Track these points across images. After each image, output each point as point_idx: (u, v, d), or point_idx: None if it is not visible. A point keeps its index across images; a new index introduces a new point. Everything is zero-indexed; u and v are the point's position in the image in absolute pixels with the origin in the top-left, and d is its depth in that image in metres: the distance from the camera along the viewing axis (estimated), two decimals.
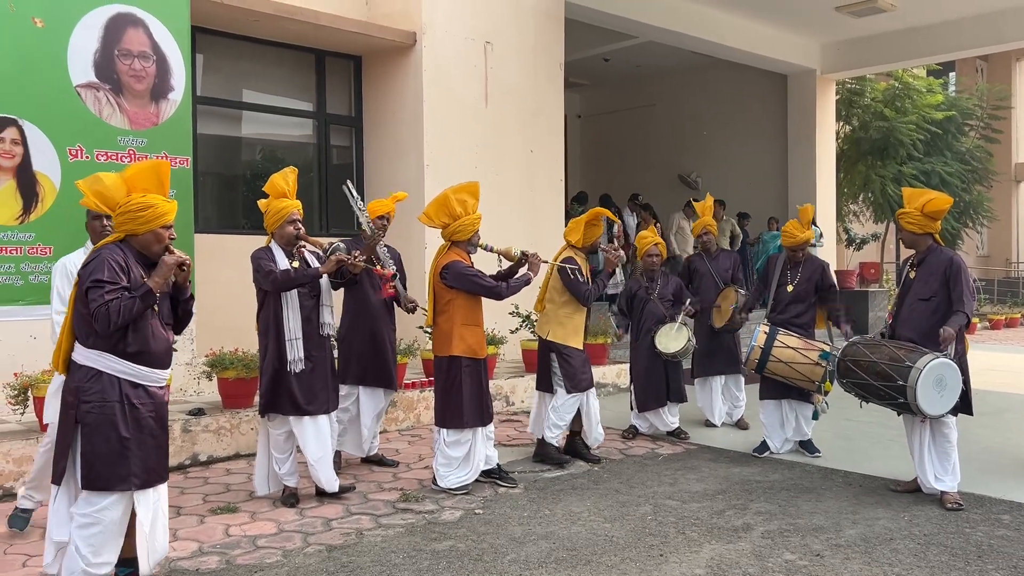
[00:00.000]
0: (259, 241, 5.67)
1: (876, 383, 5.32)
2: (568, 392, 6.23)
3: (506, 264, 6.08)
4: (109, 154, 6.57)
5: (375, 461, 6.39)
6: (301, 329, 5.25)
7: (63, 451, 3.74)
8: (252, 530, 4.92)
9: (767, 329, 6.32)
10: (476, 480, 5.74)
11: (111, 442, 3.69)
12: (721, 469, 6.28)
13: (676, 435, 7.26)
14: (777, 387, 6.46)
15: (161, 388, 3.89)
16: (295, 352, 5.24)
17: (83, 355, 3.73)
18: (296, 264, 5.27)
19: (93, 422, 3.69)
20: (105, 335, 3.68)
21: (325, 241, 5.33)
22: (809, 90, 15.10)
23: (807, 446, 6.61)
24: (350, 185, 5.92)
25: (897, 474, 6.00)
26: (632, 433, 7.34)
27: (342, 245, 5.26)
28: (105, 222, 4.82)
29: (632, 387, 7.37)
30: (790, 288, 6.55)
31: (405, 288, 6.35)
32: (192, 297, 4.10)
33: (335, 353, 5.69)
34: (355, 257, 5.35)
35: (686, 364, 7.45)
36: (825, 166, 15.43)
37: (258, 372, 5.47)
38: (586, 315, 6.45)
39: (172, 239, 3.89)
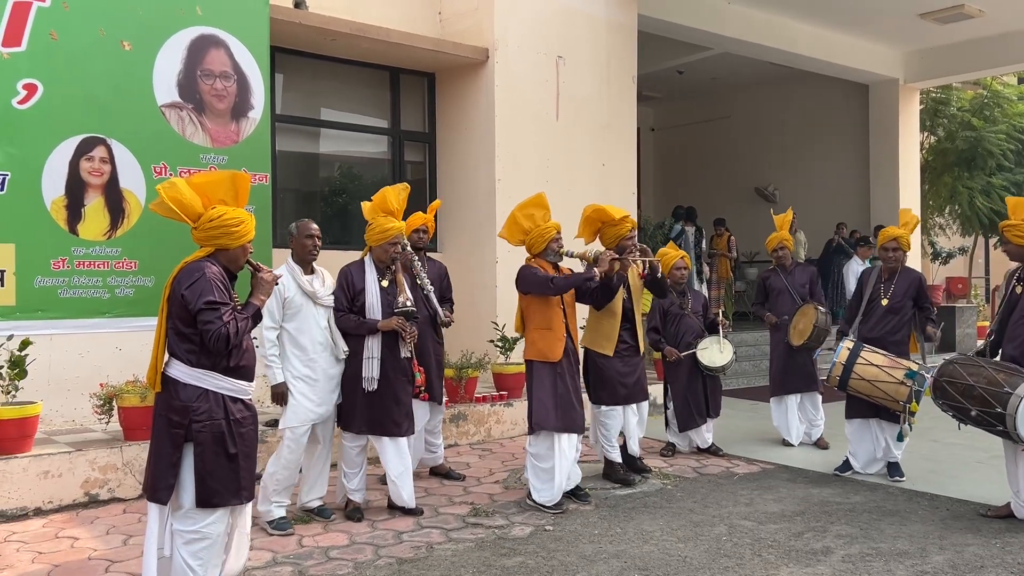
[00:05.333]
0: (336, 256, 5.77)
1: (973, 408, 5.08)
2: (596, 403, 6.17)
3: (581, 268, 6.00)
4: (192, 171, 6.75)
5: (442, 474, 6.41)
6: (380, 349, 5.31)
7: (169, 470, 3.69)
8: (324, 541, 4.97)
9: (851, 345, 6.06)
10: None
11: (222, 459, 3.72)
12: (799, 490, 6.09)
13: (714, 452, 7.17)
14: (866, 406, 6.19)
15: (250, 399, 3.95)
16: (370, 370, 5.28)
17: (187, 373, 3.71)
18: (385, 283, 5.35)
19: (205, 440, 3.69)
20: (220, 355, 3.71)
21: (408, 291, 5.41)
22: (892, 100, 14.67)
23: (893, 469, 6.32)
24: None
25: (988, 498, 5.73)
26: (671, 451, 7.21)
27: (412, 309, 5.34)
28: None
29: (671, 405, 7.21)
30: (884, 302, 6.25)
31: (451, 301, 6.37)
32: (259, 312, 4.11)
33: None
34: (406, 303, 5.34)
35: (762, 381, 7.30)
36: (909, 178, 14.95)
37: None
38: (619, 321, 6.14)
39: (251, 252, 3.93)
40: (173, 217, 3.76)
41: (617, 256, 5.69)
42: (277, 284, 3.98)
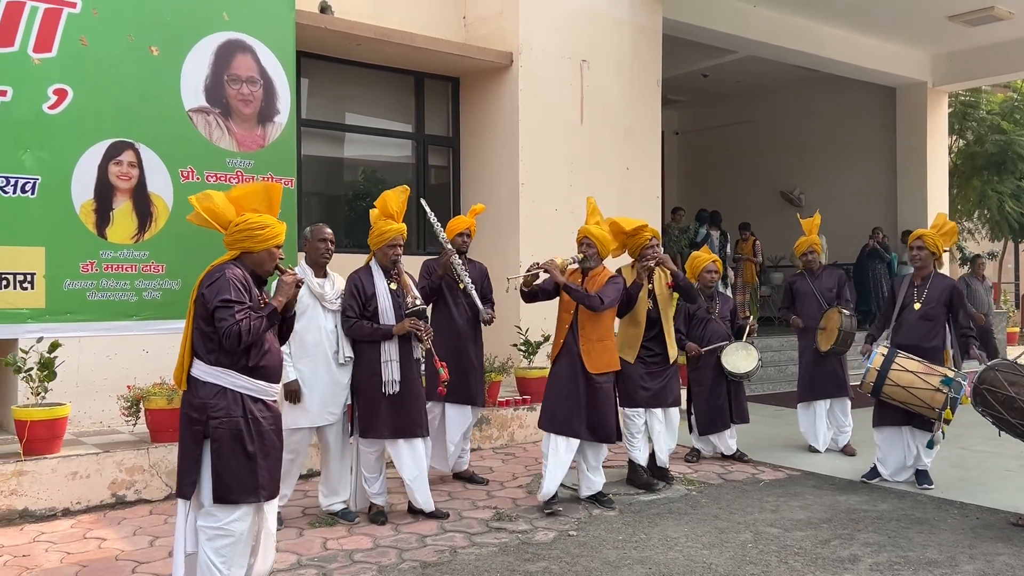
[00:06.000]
0: (360, 260, 5.79)
1: (1013, 420, 5.00)
2: (621, 405, 6.14)
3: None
4: (218, 175, 6.82)
5: (466, 478, 6.40)
6: (398, 351, 5.30)
7: (192, 466, 3.79)
8: (349, 544, 4.98)
9: (885, 351, 5.97)
10: (569, 501, 5.63)
11: (239, 456, 3.78)
12: (826, 497, 6.03)
13: (739, 458, 7.11)
14: (898, 413, 6.10)
15: (275, 401, 4.00)
16: (390, 374, 5.26)
17: (206, 372, 3.80)
18: (394, 286, 5.36)
19: (222, 437, 3.76)
20: (233, 353, 3.79)
21: (415, 290, 5.42)
22: (919, 103, 14.52)
23: (922, 477, 6.23)
24: (425, 203, 6.21)
25: (1019, 507, 5.64)
26: (695, 456, 7.16)
27: (422, 307, 5.35)
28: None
29: (692, 409, 7.18)
30: (917, 306, 6.15)
31: (492, 301, 6.40)
32: (295, 313, 4.21)
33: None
34: (415, 302, 5.33)
35: (787, 386, 7.24)
36: (937, 182, 14.78)
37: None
38: (643, 330, 6.18)
39: (282, 259, 4.04)
40: (207, 226, 3.95)
41: (539, 267, 5.60)
42: (299, 287, 4.04)
